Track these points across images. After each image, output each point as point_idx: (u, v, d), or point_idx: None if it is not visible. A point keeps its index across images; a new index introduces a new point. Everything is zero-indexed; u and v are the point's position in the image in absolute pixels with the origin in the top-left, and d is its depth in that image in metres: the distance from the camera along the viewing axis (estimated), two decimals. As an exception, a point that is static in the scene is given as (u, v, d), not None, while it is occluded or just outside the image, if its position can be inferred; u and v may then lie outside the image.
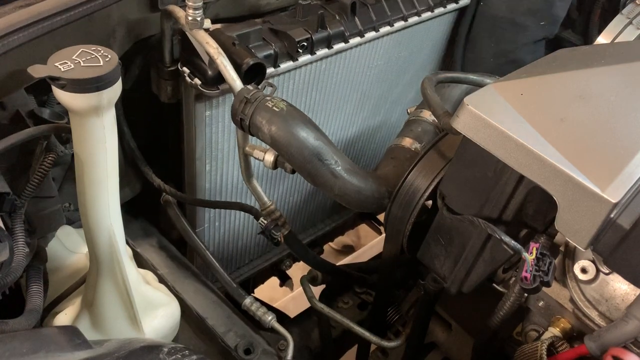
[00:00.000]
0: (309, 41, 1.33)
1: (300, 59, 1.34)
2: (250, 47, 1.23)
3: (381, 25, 1.48)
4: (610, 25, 1.69)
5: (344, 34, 1.41)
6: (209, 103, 1.27)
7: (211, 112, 1.29)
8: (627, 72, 0.96)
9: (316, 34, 1.34)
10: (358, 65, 1.53)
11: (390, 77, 1.68)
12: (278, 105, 1.03)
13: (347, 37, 1.42)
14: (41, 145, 1.01)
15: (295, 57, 1.33)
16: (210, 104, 1.27)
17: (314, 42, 1.34)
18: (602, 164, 0.78)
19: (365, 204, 1.10)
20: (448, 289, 1.09)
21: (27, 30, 0.98)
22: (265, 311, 1.24)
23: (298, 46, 1.31)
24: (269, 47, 1.28)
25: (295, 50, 1.31)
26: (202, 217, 1.48)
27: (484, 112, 0.83)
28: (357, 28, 1.43)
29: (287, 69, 1.34)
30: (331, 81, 1.50)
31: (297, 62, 1.34)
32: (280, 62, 1.31)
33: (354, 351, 1.59)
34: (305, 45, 1.32)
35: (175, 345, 0.78)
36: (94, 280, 1.05)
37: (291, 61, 1.33)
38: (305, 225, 1.88)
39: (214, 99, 1.27)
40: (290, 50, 1.31)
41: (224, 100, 1.29)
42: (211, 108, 1.28)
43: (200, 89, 1.20)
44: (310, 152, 1.02)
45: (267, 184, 1.57)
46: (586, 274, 1.01)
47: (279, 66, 1.31)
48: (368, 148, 1.86)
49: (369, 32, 1.46)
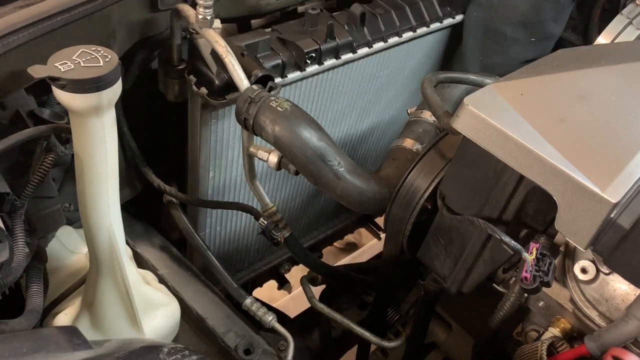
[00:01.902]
0: (317, 52, 1.32)
1: (308, 69, 1.33)
2: (258, 57, 1.23)
3: (390, 35, 1.47)
4: (610, 25, 1.69)
5: (352, 44, 1.39)
6: (214, 112, 1.27)
7: (217, 121, 1.29)
8: (627, 72, 0.96)
9: (325, 44, 1.33)
10: (364, 74, 1.53)
11: (395, 86, 1.68)
12: (282, 106, 1.03)
13: (355, 48, 1.40)
14: (41, 145, 1.01)
15: (303, 67, 1.32)
16: (216, 114, 1.27)
17: (322, 52, 1.33)
18: (602, 164, 0.78)
19: (368, 205, 1.10)
20: (448, 289, 1.09)
21: (27, 31, 0.98)
22: (265, 311, 1.24)
23: (306, 57, 1.30)
24: (277, 57, 1.27)
25: (303, 61, 1.31)
26: (203, 222, 1.48)
27: (484, 112, 0.83)
28: (366, 39, 1.42)
29: (294, 79, 1.33)
30: (337, 90, 1.49)
31: (304, 73, 1.33)
32: (287, 72, 1.30)
33: (354, 351, 1.60)
34: (313, 56, 1.32)
35: (175, 345, 0.78)
36: (94, 280, 1.05)
37: (299, 71, 1.32)
38: (305, 230, 1.88)
39: (219, 109, 1.26)
40: (298, 60, 1.31)
41: (230, 110, 1.28)
42: (217, 117, 1.28)
43: (207, 99, 1.20)
44: (313, 152, 1.02)
45: (269, 189, 1.57)
46: (586, 274, 1.01)
47: (287, 76, 1.31)
48: (371, 154, 1.86)
49: (377, 42, 1.45)
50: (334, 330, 1.51)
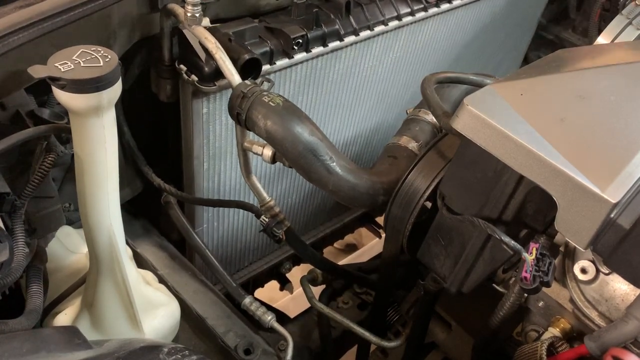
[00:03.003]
0: (304, 38, 1.34)
1: (296, 56, 1.35)
2: (246, 44, 1.24)
3: (376, 24, 1.49)
4: (610, 25, 1.70)
5: (339, 32, 1.41)
6: (206, 100, 1.27)
7: (208, 110, 1.29)
8: (627, 72, 0.96)
9: (311, 31, 1.35)
10: (354, 64, 1.54)
11: (386, 76, 1.68)
12: (274, 101, 1.04)
13: (342, 36, 1.42)
14: (41, 145, 1.01)
15: (291, 54, 1.33)
16: (207, 101, 1.27)
17: (309, 39, 1.35)
18: (602, 164, 0.78)
19: (360, 201, 1.10)
20: (448, 289, 1.09)
21: (27, 31, 0.98)
22: (264, 311, 1.24)
23: (293, 43, 1.31)
24: (265, 44, 1.28)
25: (290, 48, 1.32)
26: (200, 217, 1.48)
27: (483, 112, 0.83)
28: (352, 27, 1.44)
29: (283, 67, 1.34)
30: (327, 80, 1.50)
31: (292, 60, 1.34)
32: (275, 59, 1.31)
33: (354, 351, 1.59)
34: (300, 43, 1.33)
35: (175, 345, 0.78)
36: (94, 280, 1.05)
37: (287, 58, 1.33)
38: (304, 229, 1.88)
39: (211, 96, 1.27)
40: (286, 47, 1.32)
41: (220, 97, 1.29)
42: (208, 105, 1.28)
43: (197, 85, 1.20)
44: (304, 147, 1.02)
45: (265, 185, 1.57)
46: (586, 274, 1.01)
47: (275, 63, 1.32)
48: (366, 150, 1.86)
49: (363, 31, 1.47)
50: (334, 330, 1.51)
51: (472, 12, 1.81)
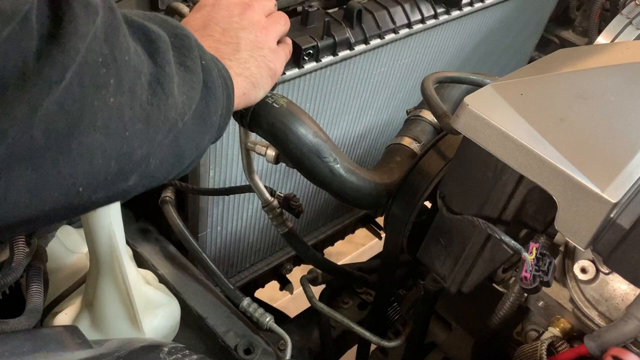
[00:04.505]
0: (315, 49, 1.33)
1: (306, 66, 1.34)
2: None
3: (386, 32, 1.48)
4: (610, 25, 1.70)
5: (349, 41, 1.40)
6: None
7: None
8: (627, 72, 0.96)
9: (322, 41, 1.33)
10: (363, 71, 1.53)
11: (394, 82, 1.68)
12: (278, 102, 1.04)
13: (352, 45, 1.41)
14: (41, 145, 1.01)
15: (301, 64, 1.33)
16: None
17: (319, 49, 1.34)
18: (602, 164, 0.78)
19: (363, 202, 1.10)
20: (448, 288, 1.09)
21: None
22: (262, 312, 1.24)
23: (304, 54, 1.30)
24: None
25: (301, 58, 1.31)
26: (204, 222, 1.48)
27: (484, 112, 0.83)
28: (363, 35, 1.43)
29: (292, 77, 1.33)
30: (336, 87, 1.50)
31: (302, 70, 1.33)
32: (285, 69, 1.30)
33: (354, 351, 1.59)
34: (311, 53, 1.32)
35: (175, 345, 0.78)
36: (94, 280, 1.05)
37: (297, 69, 1.33)
38: (305, 230, 1.88)
39: None
40: (296, 57, 1.31)
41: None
42: None
43: None
44: (308, 148, 1.02)
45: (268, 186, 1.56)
46: (586, 274, 1.01)
47: (285, 73, 1.31)
48: (371, 152, 1.86)
49: (374, 39, 1.46)
50: (333, 330, 1.51)
51: (481, 17, 1.81)
